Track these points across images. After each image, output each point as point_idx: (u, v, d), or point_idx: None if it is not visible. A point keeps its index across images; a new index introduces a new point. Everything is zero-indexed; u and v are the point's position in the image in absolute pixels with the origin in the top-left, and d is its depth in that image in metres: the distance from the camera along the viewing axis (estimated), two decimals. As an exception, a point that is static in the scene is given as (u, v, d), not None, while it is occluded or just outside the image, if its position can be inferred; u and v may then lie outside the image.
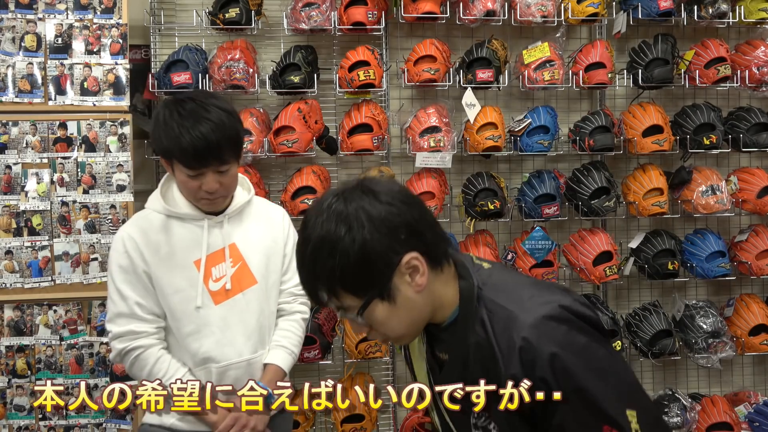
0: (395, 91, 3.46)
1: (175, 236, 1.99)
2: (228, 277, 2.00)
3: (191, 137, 1.83)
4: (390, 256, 1.21)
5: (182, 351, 2.00)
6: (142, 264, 1.96)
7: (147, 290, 1.97)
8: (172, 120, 1.87)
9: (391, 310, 1.24)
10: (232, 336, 2.00)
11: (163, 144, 1.90)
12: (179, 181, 1.96)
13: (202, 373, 1.99)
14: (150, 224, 2.01)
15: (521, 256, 3.32)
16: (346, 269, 1.19)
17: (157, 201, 2.03)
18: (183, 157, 1.87)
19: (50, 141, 2.88)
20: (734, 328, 3.46)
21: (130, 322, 1.96)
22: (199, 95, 1.96)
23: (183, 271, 1.97)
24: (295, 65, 3.15)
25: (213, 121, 1.86)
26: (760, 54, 3.41)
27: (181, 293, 1.97)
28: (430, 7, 3.19)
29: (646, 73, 3.36)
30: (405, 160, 3.45)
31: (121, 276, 1.97)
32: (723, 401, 3.42)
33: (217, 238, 2.01)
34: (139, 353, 1.96)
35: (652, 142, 3.30)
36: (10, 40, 2.90)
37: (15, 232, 2.85)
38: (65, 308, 2.88)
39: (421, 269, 1.23)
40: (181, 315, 1.97)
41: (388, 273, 1.21)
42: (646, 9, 3.34)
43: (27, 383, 2.84)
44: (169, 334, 2.01)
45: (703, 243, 3.42)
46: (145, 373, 1.96)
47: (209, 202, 1.98)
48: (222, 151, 1.88)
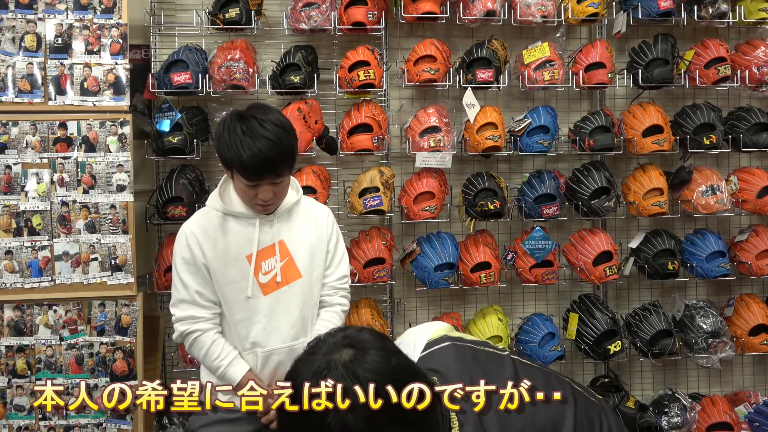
0: (395, 91, 3.46)
1: (231, 232, 2.19)
2: (276, 270, 2.19)
3: (251, 153, 2.01)
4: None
5: (233, 335, 2.20)
6: (201, 257, 2.16)
7: (205, 280, 2.17)
8: (234, 135, 2.04)
9: None
10: (278, 324, 2.19)
11: (226, 156, 2.07)
12: (238, 188, 2.16)
13: (250, 356, 2.19)
14: (209, 221, 2.21)
15: (521, 256, 3.33)
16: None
17: (216, 200, 2.22)
18: (243, 170, 2.05)
19: (50, 141, 2.88)
20: (734, 328, 3.46)
21: (191, 307, 2.18)
22: (258, 111, 2.10)
23: (236, 265, 2.17)
24: (295, 65, 3.15)
25: (271, 140, 2.03)
26: (760, 54, 3.42)
27: (234, 284, 2.17)
28: (430, 7, 3.19)
29: (646, 73, 3.36)
30: (405, 160, 3.45)
31: (184, 267, 2.18)
32: (723, 401, 3.42)
33: (267, 235, 2.20)
34: (197, 336, 2.17)
35: (652, 142, 3.30)
36: (10, 40, 2.90)
37: (15, 232, 2.85)
38: (65, 308, 2.88)
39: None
40: (234, 304, 2.18)
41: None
42: (646, 9, 3.34)
43: (27, 383, 2.84)
44: (224, 320, 2.22)
45: (703, 243, 3.42)
46: (202, 353, 2.18)
47: (263, 209, 2.17)
48: (277, 166, 2.06)
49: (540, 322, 3.37)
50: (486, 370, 1.45)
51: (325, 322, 2.28)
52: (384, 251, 3.20)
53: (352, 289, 3.47)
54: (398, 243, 3.42)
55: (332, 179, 3.35)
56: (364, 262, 3.19)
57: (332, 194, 3.34)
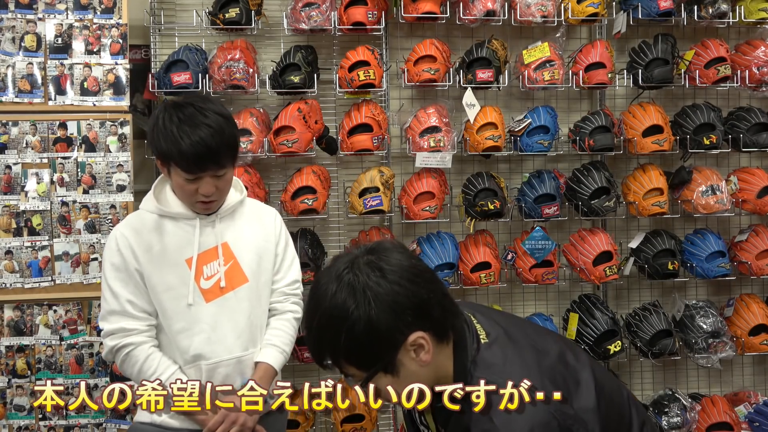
0: (395, 91, 3.46)
1: (168, 235, 2.01)
2: (220, 275, 2.02)
3: (191, 142, 1.86)
4: (395, 337, 1.22)
5: (173, 348, 2.02)
6: (134, 262, 1.98)
7: (138, 288, 1.99)
8: (171, 124, 1.89)
9: (395, 382, 1.25)
10: (223, 334, 2.01)
11: (162, 147, 1.91)
12: (176, 184, 1.98)
13: (193, 370, 2.00)
14: (143, 224, 2.03)
15: (521, 256, 3.32)
16: (350, 345, 1.22)
17: (150, 201, 2.05)
18: (182, 161, 1.89)
19: (50, 141, 2.88)
20: (734, 328, 3.46)
21: (122, 319, 1.98)
22: (197, 100, 1.97)
23: (175, 269, 1.99)
24: (295, 65, 3.15)
25: (212, 127, 1.88)
26: (760, 54, 3.41)
27: (172, 291, 1.99)
28: (430, 7, 3.19)
29: (646, 73, 3.36)
30: (405, 160, 3.45)
31: (114, 274, 2.00)
32: (723, 401, 3.42)
33: (209, 236, 2.04)
34: (129, 350, 1.98)
35: (652, 142, 3.30)
36: (10, 40, 2.90)
37: (15, 232, 2.85)
38: (65, 308, 2.88)
39: (426, 347, 1.25)
40: (172, 312, 1.99)
41: (393, 351, 1.23)
42: (646, 9, 3.34)
43: (27, 383, 2.84)
44: (161, 332, 2.03)
45: (703, 243, 3.42)
46: (135, 370, 1.98)
47: (204, 206, 2.01)
48: (220, 156, 1.90)
49: (540, 322, 3.37)
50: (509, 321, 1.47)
51: (277, 330, 2.12)
52: (384, 251, 3.19)
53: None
54: (398, 243, 3.41)
55: (332, 179, 3.35)
56: (364, 262, 3.18)
57: (332, 194, 3.34)
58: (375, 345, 1.22)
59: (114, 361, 2.04)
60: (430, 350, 1.25)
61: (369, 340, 1.21)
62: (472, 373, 1.29)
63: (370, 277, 1.23)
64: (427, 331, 1.24)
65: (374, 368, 1.23)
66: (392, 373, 1.24)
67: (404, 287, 1.23)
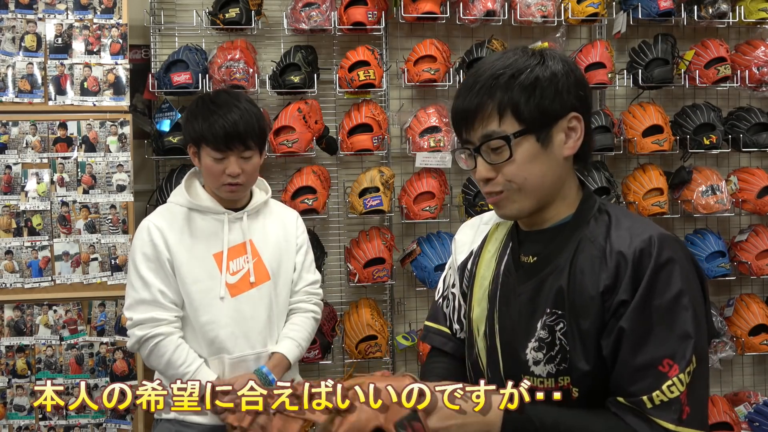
0: (395, 91, 3.46)
1: (197, 228, 2.08)
2: (246, 270, 2.09)
3: (224, 121, 1.99)
4: (566, 99, 1.24)
5: (198, 340, 2.06)
6: (166, 252, 2.03)
7: (169, 278, 2.03)
8: (206, 108, 2.03)
9: (536, 156, 1.24)
10: (247, 328, 2.07)
11: (196, 129, 2.03)
12: (204, 167, 2.06)
13: (216, 362, 2.06)
14: (173, 216, 2.09)
15: (521, 256, 3.32)
16: (528, 85, 1.22)
17: (181, 194, 2.12)
18: (213, 139, 1.99)
19: (50, 141, 2.88)
20: (734, 328, 3.46)
21: (152, 309, 2.01)
22: (231, 91, 2.14)
23: (203, 262, 2.05)
24: (295, 65, 3.15)
25: (242, 110, 2.02)
26: (760, 54, 3.41)
27: (200, 283, 2.04)
28: (430, 7, 3.19)
29: (646, 73, 3.36)
30: (405, 160, 3.45)
31: (145, 264, 2.03)
32: (723, 401, 3.42)
33: (238, 233, 2.11)
34: (159, 340, 2.00)
35: (652, 142, 3.30)
36: (10, 40, 2.90)
37: (15, 232, 2.85)
38: (65, 308, 2.88)
39: (578, 134, 1.26)
40: (199, 305, 2.04)
41: (556, 116, 1.24)
42: (646, 9, 3.34)
43: (27, 383, 2.84)
44: (186, 324, 2.07)
45: (703, 243, 3.42)
46: (164, 360, 2.01)
47: (231, 190, 2.06)
48: (248, 137, 2.01)
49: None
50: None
51: (295, 325, 2.17)
52: (384, 251, 3.20)
53: (353, 289, 3.48)
54: (398, 243, 3.42)
55: (332, 179, 3.35)
56: (364, 262, 3.18)
57: (332, 194, 3.34)
58: (549, 95, 1.22)
59: (138, 351, 2.06)
60: (579, 139, 1.26)
61: (547, 88, 1.22)
62: (604, 205, 1.29)
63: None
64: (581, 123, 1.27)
65: (532, 124, 1.22)
66: (540, 143, 1.23)
67: (582, 77, 1.29)
